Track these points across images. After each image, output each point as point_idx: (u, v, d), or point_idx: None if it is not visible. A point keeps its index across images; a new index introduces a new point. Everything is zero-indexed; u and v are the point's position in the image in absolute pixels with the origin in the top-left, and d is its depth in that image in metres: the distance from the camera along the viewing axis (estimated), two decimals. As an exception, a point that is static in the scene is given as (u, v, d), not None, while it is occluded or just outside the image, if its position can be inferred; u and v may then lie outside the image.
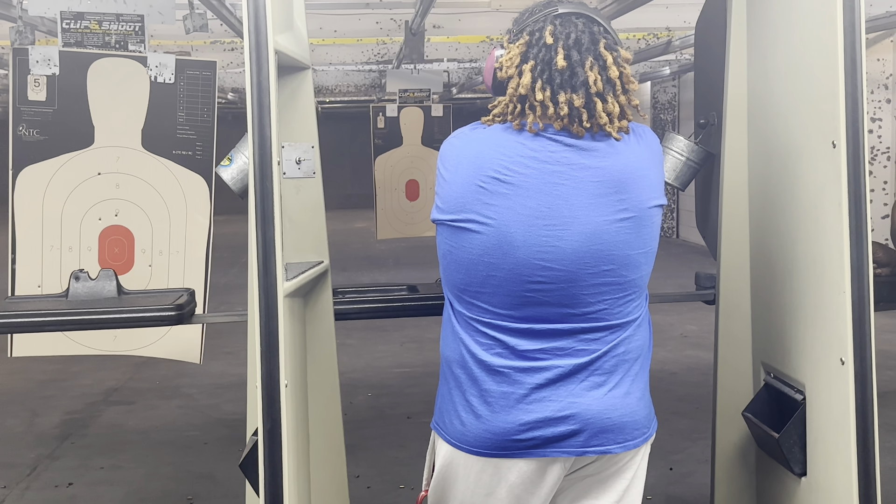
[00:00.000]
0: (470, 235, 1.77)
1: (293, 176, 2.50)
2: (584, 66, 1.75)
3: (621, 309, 1.80)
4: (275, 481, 1.94)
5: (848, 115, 2.02)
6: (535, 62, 1.77)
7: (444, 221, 1.81)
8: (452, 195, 1.79)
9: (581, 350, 1.79)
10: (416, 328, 7.05)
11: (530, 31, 1.80)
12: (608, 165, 1.75)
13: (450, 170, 1.81)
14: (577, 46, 1.76)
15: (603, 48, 1.77)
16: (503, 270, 1.75)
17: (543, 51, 1.76)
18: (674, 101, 12.80)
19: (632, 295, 1.81)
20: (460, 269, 1.80)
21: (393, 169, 9.47)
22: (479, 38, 7.50)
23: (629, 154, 1.78)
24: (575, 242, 1.74)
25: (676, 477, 4.03)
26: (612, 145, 1.77)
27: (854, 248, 2.02)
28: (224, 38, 6.92)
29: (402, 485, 4.00)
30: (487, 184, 1.75)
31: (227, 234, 7.75)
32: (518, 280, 1.75)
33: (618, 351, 1.81)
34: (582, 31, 1.77)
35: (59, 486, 4.06)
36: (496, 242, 1.75)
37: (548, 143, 1.75)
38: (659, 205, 1.82)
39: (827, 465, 2.17)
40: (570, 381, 1.78)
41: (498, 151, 1.76)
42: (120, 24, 3.55)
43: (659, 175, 1.84)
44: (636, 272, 1.80)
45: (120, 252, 3.71)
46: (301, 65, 2.47)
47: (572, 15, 1.79)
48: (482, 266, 1.76)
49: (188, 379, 5.79)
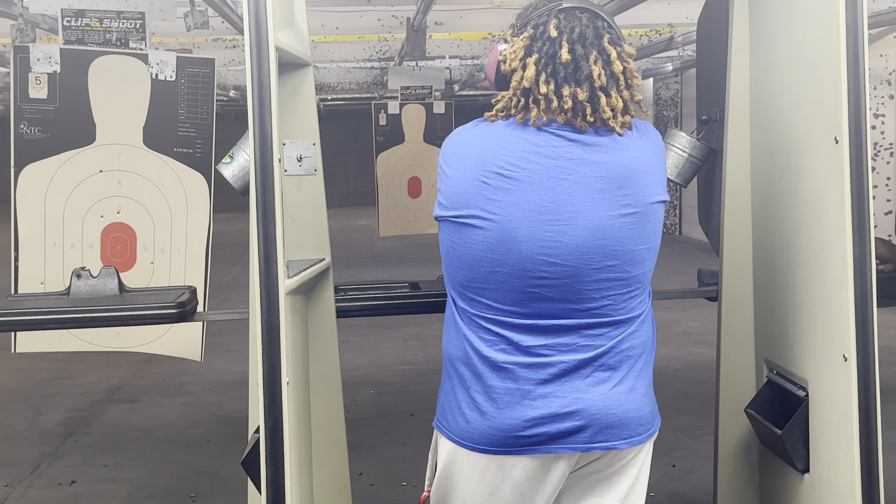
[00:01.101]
0: (473, 231, 1.76)
1: (294, 173, 2.49)
2: (589, 61, 1.74)
3: (625, 305, 1.80)
4: (276, 479, 1.94)
5: (850, 111, 2.01)
6: (539, 55, 1.76)
7: (446, 218, 1.80)
8: (455, 191, 1.78)
9: (585, 346, 1.78)
10: (418, 325, 7.05)
11: (534, 25, 1.79)
12: (611, 160, 1.75)
13: (452, 166, 1.80)
14: (582, 40, 1.75)
15: (607, 43, 1.76)
16: (506, 266, 1.74)
17: (548, 44, 1.76)
18: (676, 97, 12.78)
19: (635, 291, 1.81)
20: (463, 266, 1.79)
21: (395, 166, 9.46)
22: (480, 35, 7.49)
23: (632, 149, 1.77)
24: (578, 238, 1.73)
25: (679, 473, 4.02)
26: (616, 140, 1.76)
27: (857, 244, 2.02)
28: (225, 35, 6.93)
29: (404, 482, 4.00)
30: (490, 179, 1.74)
31: (229, 231, 7.76)
32: (522, 276, 1.74)
33: (622, 347, 1.80)
34: (586, 25, 1.76)
35: (62, 484, 4.06)
36: (499, 238, 1.74)
37: (551, 138, 1.75)
38: (661, 201, 1.81)
39: (830, 462, 2.17)
40: (574, 376, 1.78)
41: (501, 147, 1.75)
42: (121, 22, 3.54)
43: (661, 171, 1.83)
44: (640, 268, 1.79)
45: (122, 249, 3.71)
46: (302, 62, 2.47)
47: (576, 9, 1.78)
48: (485, 262, 1.76)
49: (191, 377, 5.79)
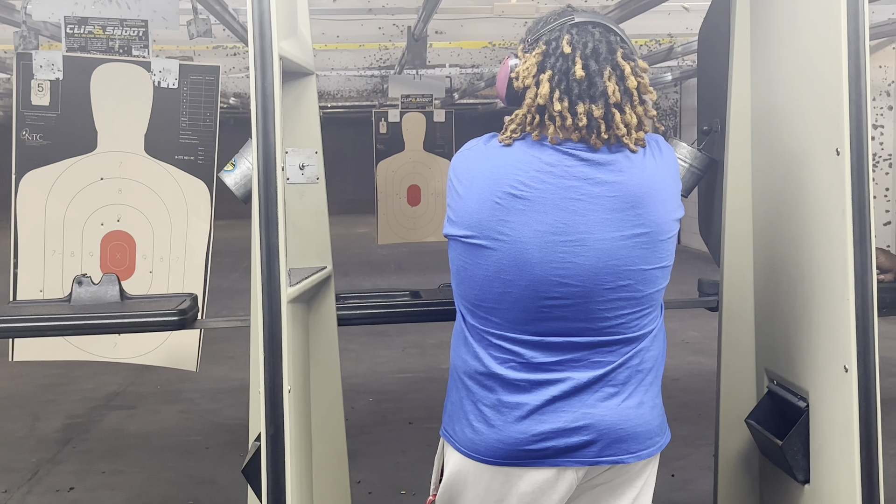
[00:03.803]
0: (485, 252, 1.74)
1: (297, 181, 2.50)
2: (603, 77, 1.72)
3: (637, 322, 1.79)
4: (278, 487, 1.94)
5: (852, 123, 2.01)
6: (553, 72, 1.73)
7: (457, 237, 1.78)
8: (467, 211, 1.76)
9: (597, 362, 1.77)
10: (417, 333, 7.05)
11: (546, 41, 1.76)
12: (624, 180, 1.73)
13: (464, 184, 1.77)
14: (595, 56, 1.72)
15: (621, 58, 1.74)
16: (519, 287, 1.73)
17: (561, 60, 1.73)
18: (675, 107, 12.80)
19: (648, 308, 1.79)
20: (475, 286, 1.77)
21: (395, 174, 9.46)
22: (481, 44, 7.50)
23: (645, 168, 1.75)
24: (591, 259, 1.71)
25: (679, 483, 4.02)
26: (629, 158, 1.74)
27: (858, 255, 2.02)
28: (226, 42, 6.93)
29: (403, 490, 4.00)
30: (503, 200, 1.72)
31: (228, 238, 7.74)
32: (534, 296, 1.73)
33: (633, 362, 1.79)
34: (599, 40, 1.74)
35: (60, 491, 4.05)
36: (512, 260, 1.72)
37: (564, 158, 1.72)
38: (676, 218, 1.80)
39: (830, 473, 2.16)
40: (584, 392, 1.77)
41: (513, 166, 1.73)
42: (124, 30, 3.55)
43: (675, 188, 1.81)
44: (652, 286, 1.78)
45: (122, 258, 3.70)
46: (305, 70, 2.47)
47: (588, 24, 1.76)
48: (497, 283, 1.74)
49: (189, 384, 5.78)
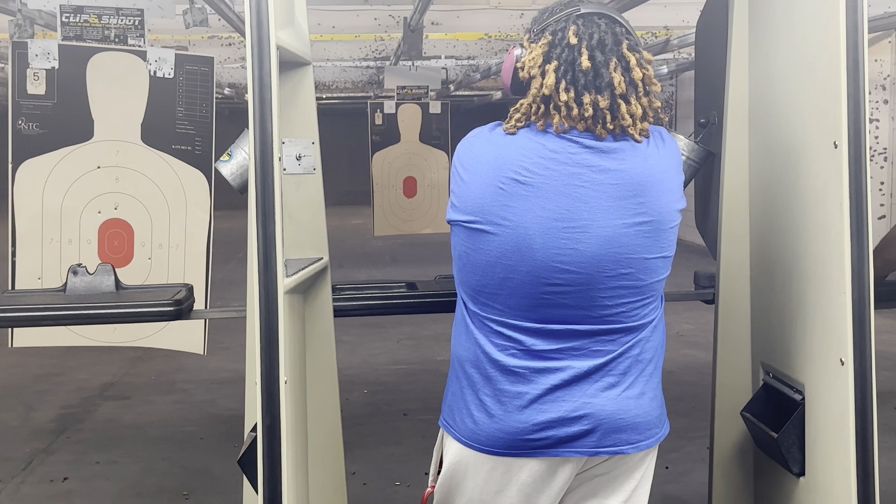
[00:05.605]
0: (487, 237, 1.74)
1: (293, 172, 2.49)
2: (609, 67, 1.72)
3: (638, 311, 1.79)
4: (274, 477, 1.93)
5: (850, 115, 2.01)
6: (559, 62, 1.74)
7: (460, 222, 1.79)
8: (470, 196, 1.76)
9: (597, 351, 1.78)
10: (412, 325, 7.05)
11: (552, 31, 1.77)
12: (628, 168, 1.73)
13: (468, 170, 1.78)
14: (601, 47, 1.73)
15: (626, 49, 1.75)
16: (521, 273, 1.73)
17: (567, 51, 1.74)
18: (671, 99, 12.80)
19: (648, 298, 1.80)
20: (476, 271, 1.78)
21: (391, 166, 9.46)
22: (477, 36, 7.48)
23: (649, 158, 1.76)
24: (593, 246, 1.72)
25: (673, 476, 4.03)
26: (633, 147, 1.75)
27: (855, 248, 2.02)
28: (221, 32, 6.91)
29: (398, 482, 4.00)
30: (507, 185, 1.72)
31: (223, 229, 7.70)
32: (536, 282, 1.73)
33: (633, 352, 1.80)
34: (605, 31, 1.74)
35: (54, 481, 4.05)
36: (514, 245, 1.73)
37: (568, 145, 1.73)
38: (678, 209, 1.80)
39: (826, 466, 2.17)
40: (584, 381, 1.77)
41: (518, 152, 1.74)
42: (119, 18, 3.54)
43: (678, 179, 1.81)
44: (654, 276, 1.79)
45: (119, 245, 3.70)
46: (302, 60, 2.47)
47: (594, 15, 1.76)
48: (499, 268, 1.74)
49: (184, 374, 5.78)
